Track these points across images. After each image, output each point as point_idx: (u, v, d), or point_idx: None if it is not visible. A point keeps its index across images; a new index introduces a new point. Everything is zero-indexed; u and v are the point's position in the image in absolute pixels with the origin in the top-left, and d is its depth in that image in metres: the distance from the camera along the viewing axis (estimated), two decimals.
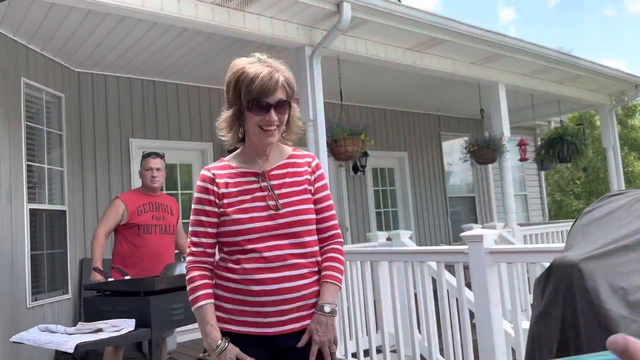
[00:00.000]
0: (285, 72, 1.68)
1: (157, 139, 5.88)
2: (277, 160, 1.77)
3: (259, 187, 1.71)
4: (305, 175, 1.77)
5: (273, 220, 1.67)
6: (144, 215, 3.68)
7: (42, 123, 4.85)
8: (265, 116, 1.63)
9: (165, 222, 3.75)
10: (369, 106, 8.05)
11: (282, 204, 1.69)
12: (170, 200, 3.94)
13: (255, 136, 1.68)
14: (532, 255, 2.98)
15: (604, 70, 7.26)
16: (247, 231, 1.65)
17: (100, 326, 2.65)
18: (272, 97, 1.63)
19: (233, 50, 5.16)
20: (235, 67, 1.68)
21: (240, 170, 1.74)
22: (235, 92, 1.65)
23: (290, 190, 1.72)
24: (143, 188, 3.82)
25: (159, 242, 3.69)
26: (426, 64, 5.63)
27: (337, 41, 4.71)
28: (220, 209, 1.70)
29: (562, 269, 1.23)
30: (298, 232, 1.68)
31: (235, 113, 1.68)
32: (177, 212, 3.92)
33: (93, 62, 5.27)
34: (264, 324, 1.66)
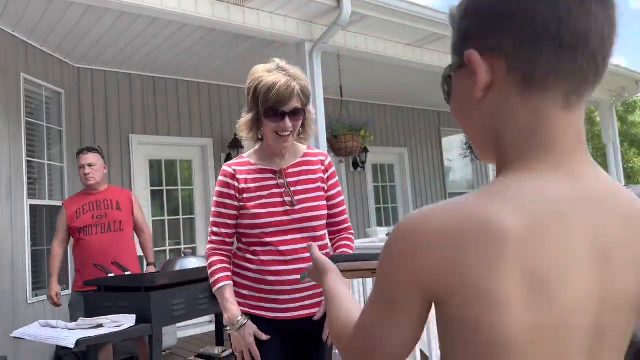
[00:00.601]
0: (302, 79, 1.80)
1: (157, 135, 5.87)
2: (292, 158, 1.90)
3: (276, 184, 1.84)
4: (319, 173, 1.90)
5: (288, 215, 1.80)
6: (82, 217, 3.54)
7: (42, 119, 4.85)
8: (280, 123, 1.76)
9: (109, 220, 3.56)
10: (369, 102, 8.04)
11: (297, 200, 1.82)
12: (120, 194, 3.74)
13: (272, 140, 1.82)
14: None
15: None
16: (264, 225, 1.78)
17: (101, 322, 2.65)
18: (288, 105, 1.75)
19: (233, 45, 5.15)
20: (254, 74, 1.81)
21: (259, 167, 1.86)
22: (254, 98, 1.78)
23: (305, 188, 1.85)
24: (84, 188, 3.69)
25: (101, 241, 3.51)
26: (426, 59, 5.62)
27: (337, 37, 4.70)
28: (240, 202, 1.82)
29: None
30: (312, 227, 1.82)
31: (254, 117, 1.81)
32: (130, 206, 3.70)
33: (93, 58, 5.26)
34: (277, 309, 1.79)
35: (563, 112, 0.66)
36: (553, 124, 0.65)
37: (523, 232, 0.60)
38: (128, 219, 3.65)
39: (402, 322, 0.68)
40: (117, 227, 3.57)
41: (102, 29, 4.57)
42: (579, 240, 0.62)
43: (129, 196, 3.74)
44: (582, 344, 0.62)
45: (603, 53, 0.65)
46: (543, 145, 0.65)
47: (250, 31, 4.40)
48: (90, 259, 3.46)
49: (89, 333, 2.53)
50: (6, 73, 4.32)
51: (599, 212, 0.65)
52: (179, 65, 5.66)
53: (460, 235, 0.60)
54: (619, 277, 0.64)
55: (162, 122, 5.94)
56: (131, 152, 5.68)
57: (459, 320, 0.62)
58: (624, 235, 0.65)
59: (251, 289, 1.82)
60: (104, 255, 3.45)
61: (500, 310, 0.58)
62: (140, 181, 5.75)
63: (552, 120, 0.65)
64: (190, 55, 5.36)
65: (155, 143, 5.90)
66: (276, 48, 5.22)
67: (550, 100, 0.65)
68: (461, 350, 0.63)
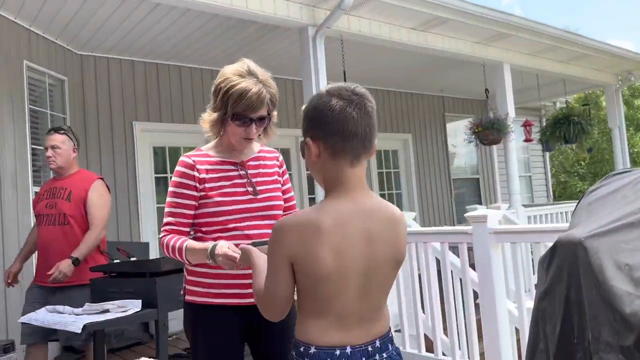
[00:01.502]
0: (271, 87, 1.88)
1: (161, 121, 5.87)
2: (249, 153, 2.00)
3: (238, 175, 1.92)
4: (275, 168, 2.03)
5: (252, 203, 1.89)
6: (38, 205, 3.29)
7: (45, 106, 4.85)
8: (246, 129, 1.86)
9: (57, 211, 3.20)
10: (373, 88, 8.00)
11: (259, 190, 1.93)
12: (81, 182, 3.28)
13: (235, 141, 1.91)
14: (535, 235, 2.99)
15: (610, 49, 7.18)
16: (230, 212, 1.86)
17: (107, 307, 2.67)
18: (256, 113, 1.85)
19: (236, 31, 5.12)
20: (225, 75, 1.87)
21: (218, 159, 1.94)
22: (223, 100, 1.85)
23: (264, 180, 1.97)
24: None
25: (47, 234, 3.21)
26: (430, 43, 5.57)
27: (341, 21, 4.67)
28: (201, 192, 1.87)
29: (567, 247, 1.23)
30: (272, 215, 1.93)
31: (220, 117, 1.88)
32: (83, 197, 3.24)
33: (95, 45, 5.25)
34: (241, 294, 1.85)
35: (350, 169, 1.30)
36: (345, 174, 1.30)
37: (331, 226, 1.25)
38: (78, 213, 3.22)
39: (281, 278, 1.29)
40: (62, 220, 3.19)
41: (104, 15, 4.55)
42: (356, 231, 1.28)
43: (87, 186, 3.27)
44: (358, 279, 1.28)
45: (367, 140, 1.29)
46: (340, 185, 1.30)
47: (253, 16, 4.37)
48: (39, 251, 3.25)
49: (96, 318, 2.55)
50: (9, 60, 4.32)
51: (367, 216, 1.31)
52: (182, 51, 5.63)
53: (302, 228, 1.26)
54: (378, 249, 1.30)
55: (166, 109, 5.93)
56: (135, 139, 5.68)
57: (301, 271, 1.27)
58: (380, 228, 1.32)
59: (213, 276, 1.86)
60: (46, 250, 3.19)
61: (320, 263, 1.24)
62: (144, 168, 5.76)
63: (345, 173, 1.30)
64: (193, 41, 5.33)
65: (158, 130, 5.90)
66: (279, 33, 5.19)
67: (343, 163, 1.29)
68: (303, 287, 1.29)
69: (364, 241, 1.28)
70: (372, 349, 1.33)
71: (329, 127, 1.27)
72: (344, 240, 1.25)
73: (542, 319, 1.30)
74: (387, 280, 1.36)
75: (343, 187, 1.30)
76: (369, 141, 1.29)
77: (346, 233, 1.26)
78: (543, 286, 1.31)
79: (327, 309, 1.29)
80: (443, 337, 3.59)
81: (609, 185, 1.42)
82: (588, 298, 1.15)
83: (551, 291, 1.28)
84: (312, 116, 1.31)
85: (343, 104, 1.28)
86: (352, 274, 1.27)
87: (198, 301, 1.89)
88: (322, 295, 1.27)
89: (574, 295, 1.19)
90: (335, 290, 1.27)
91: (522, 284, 3.10)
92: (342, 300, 1.28)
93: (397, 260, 1.35)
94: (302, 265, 1.25)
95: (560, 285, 1.24)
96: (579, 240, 1.19)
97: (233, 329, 1.88)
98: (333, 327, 1.29)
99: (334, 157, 1.28)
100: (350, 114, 1.27)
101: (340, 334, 1.30)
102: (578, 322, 1.18)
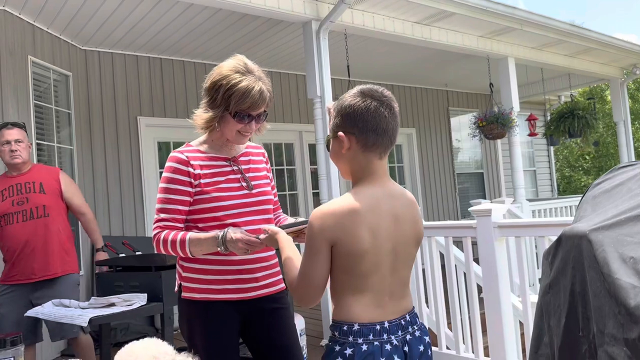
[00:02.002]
0: (267, 82, 1.90)
1: (165, 117, 5.88)
2: (238, 149, 2.02)
3: (231, 170, 1.94)
4: (262, 164, 2.07)
5: (247, 198, 1.92)
6: (2, 203, 3.14)
7: (50, 102, 4.87)
8: (246, 125, 1.88)
9: (30, 205, 3.15)
10: (376, 82, 7.96)
11: (253, 185, 1.96)
12: (46, 174, 3.29)
13: (232, 137, 1.91)
14: (540, 229, 2.99)
15: (616, 43, 7.14)
16: (228, 207, 1.87)
17: (113, 300, 2.69)
18: (257, 111, 1.87)
19: (239, 25, 5.11)
20: (224, 73, 1.85)
21: (210, 155, 1.94)
22: (224, 98, 1.84)
23: (255, 175, 2.00)
24: (6, 169, 3.26)
25: (24, 230, 3.12)
26: (434, 37, 5.55)
27: (345, 15, 4.65)
28: (196, 188, 1.87)
29: (572, 240, 1.23)
30: (266, 209, 1.97)
31: (218, 114, 1.87)
32: (57, 187, 3.27)
33: (99, 40, 5.25)
34: (242, 289, 1.88)
35: (378, 161, 1.47)
36: (374, 165, 1.47)
37: (366, 208, 1.41)
38: (55, 203, 3.23)
39: (321, 261, 1.40)
40: (41, 212, 3.16)
41: (108, 10, 4.55)
42: (386, 212, 1.44)
43: (55, 176, 3.29)
44: (389, 256, 1.44)
45: (393, 137, 1.47)
46: (370, 174, 1.47)
47: (256, 10, 4.36)
48: (15, 252, 3.14)
49: (102, 312, 2.57)
50: (14, 56, 4.33)
51: (393, 199, 1.48)
52: (185, 46, 5.63)
53: (341, 212, 1.40)
54: (404, 227, 1.48)
55: (170, 104, 5.94)
56: (139, 134, 5.69)
57: (341, 251, 1.40)
58: (404, 209, 1.50)
59: (214, 272, 1.87)
60: (29, 246, 3.12)
61: (360, 241, 1.39)
62: (149, 163, 5.77)
63: (374, 164, 1.47)
64: (196, 36, 5.33)
65: (163, 125, 5.91)
66: (283, 28, 5.18)
67: (373, 156, 1.46)
68: (341, 267, 1.41)
69: (392, 220, 1.45)
70: (404, 323, 1.48)
71: (365, 124, 1.43)
72: (378, 220, 1.42)
73: (547, 312, 1.30)
74: (411, 257, 1.52)
75: (372, 176, 1.46)
76: (395, 138, 1.48)
77: (378, 213, 1.42)
78: (547, 279, 1.31)
79: (365, 286, 1.42)
80: (447, 331, 3.59)
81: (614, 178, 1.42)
82: (593, 291, 1.15)
83: (556, 284, 1.28)
84: (348, 113, 1.45)
85: (377, 104, 1.44)
86: (385, 251, 1.43)
87: (197, 298, 1.87)
88: (361, 273, 1.41)
89: (579, 288, 1.20)
90: (373, 266, 1.41)
91: (526, 278, 3.10)
92: (378, 276, 1.43)
93: (418, 238, 1.53)
94: (342, 246, 1.39)
95: (564, 278, 1.25)
96: (584, 233, 1.19)
97: (232, 324, 1.89)
98: (372, 304, 1.44)
99: (365, 150, 1.45)
100: (383, 113, 1.44)
101: (378, 310, 1.44)
102: (583, 315, 1.18)
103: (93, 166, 5.38)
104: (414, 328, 1.50)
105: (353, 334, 1.41)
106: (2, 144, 3.16)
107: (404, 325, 1.47)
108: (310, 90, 4.66)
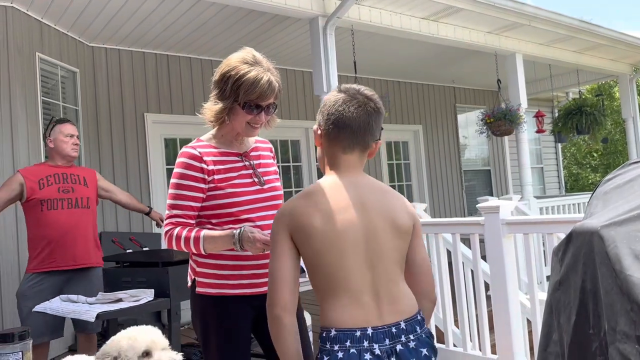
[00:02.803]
0: (276, 74, 1.89)
1: (172, 113, 5.89)
2: (248, 144, 2.01)
3: (243, 166, 1.93)
4: (271, 158, 2.07)
5: (260, 194, 1.91)
6: (47, 188, 3.20)
7: (57, 98, 4.88)
8: (256, 116, 1.87)
9: (76, 195, 3.28)
10: (383, 79, 7.96)
11: (264, 180, 1.95)
12: (86, 171, 3.51)
13: (242, 129, 1.90)
14: (549, 226, 2.96)
15: (625, 39, 7.08)
16: (241, 203, 1.86)
17: (120, 296, 2.70)
18: (266, 101, 1.86)
19: (246, 21, 5.11)
20: (232, 64, 1.85)
21: (222, 150, 1.93)
22: (233, 89, 1.83)
23: (266, 170, 1.99)
24: (52, 160, 3.34)
25: (70, 218, 3.22)
26: (442, 33, 5.53)
27: (351, 11, 4.64)
28: (210, 184, 1.86)
29: (583, 236, 1.21)
30: (278, 204, 1.94)
31: (227, 106, 1.86)
32: (95, 184, 3.49)
33: (106, 37, 5.26)
34: (256, 284, 1.86)
35: (342, 155, 1.46)
36: (338, 159, 1.47)
37: (320, 193, 1.41)
38: (94, 198, 3.43)
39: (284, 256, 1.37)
40: (85, 203, 3.31)
41: (115, 6, 4.56)
42: (346, 198, 1.40)
43: (93, 175, 3.51)
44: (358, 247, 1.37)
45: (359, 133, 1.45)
46: (334, 166, 1.48)
47: (263, 6, 4.35)
48: (55, 237, 3.16)
49: (109, 307, 2.58)
50: (22, 52, 4.34)
51: (359, 187, 1.44)
52: (192, 42, 5.63)
53: (296, 200, 1.42)
54: (372, 216, 1.40)
55: (177, 101, 5.95)
56: (146, 130, 5.70)
57: (300, 241, 1.38)
58: (373, 197, 1.44)
59: (230, 267, 1.86)
60: (71, 233, 3.20)
61: (309, 219, 1.37)
62: (156, 159, 5.79)
63: (338, 157, 1.47)
64: (203, 32, 5.33)
65: (170, 122, 5.92)
66: (290, 24, 5.17)
67: (337, 149, 1.47)
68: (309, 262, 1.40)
69: (357, 208, 1.39)
70: (396, 331, 1.34)
71: (329, 117, 1.45)
72: (334, 205, 1.38)
73: (557, 309, 1.29)
74: (392, 251, 1.41)
75: (336, 168, 1.46)
76: (362, 136, 1.44)
77: (336, 199, 1.39)
78: (557, 276, 1.29)
79: (337, 284, 1.35)
80: (454, 328, 3.58)
81: (625, 174, 1.40)
82: (604, 288, 1.13)
83: (566, 281, 1.27)
84: (321, 107, 1.51)
85: (347, 99, 1.44)
86: (350, 240, 1.36)
87: (212, 293, 1.86)
88: (326, 266, 1.35)
89: (590, 285, 1.18)
90: (336, 258, 1.34)
91: (534, 276, 3.08)
92: (348, 271, 1.35)
93: (395, 227, 1.42)
94: (299, 234, 1.36)
95: (575, 275, 1.23)
96: (595, 229, 1.17)
97: (246, 319, 1.89)
98: (350, 305, 1.33)
99: (329, 143, 1.46)
100: (349, 108, 1.43)
101: (358, 312, 1.33)
102: (594, 312, 1.17)
103: (100, 162, 5.39)
104: (409, 337, 1.35)
105: (330, 340, 1.32)
106: (66, 135, 3.32)
107: (395, 333, 1.34)
108: (316, 86, 4.65)
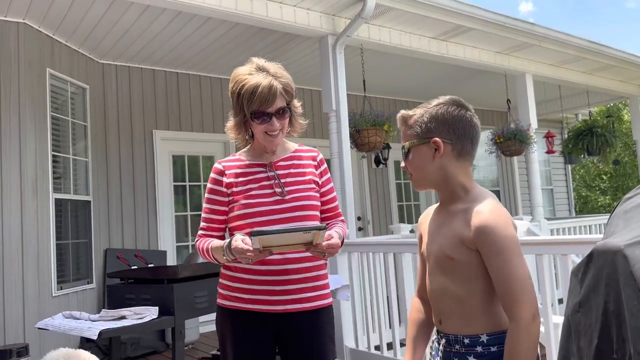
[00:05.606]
0: (283, 77, 1.85)
1: (180, 130, 5.89)
2: (283, 153, 1.96)
3: (266, 177, 1.88)
4: (310, 168, 1.95)
5: (279, 204, 1.84)
6: None
7: (67, 114, 4.90)
8: (267, 124, 1.82)
9: None
10: (392, 98, 7.95)
11: (287, 191, 1.86)
12: None
13: (262, 139, 1.88)
14: (563, 247, 2.89)
15: (635, 60, 7.04)
16: (255, 214, 1.82)
17: (124, 313, 2.65)
18: (272, 107, 1.81)
19: (256, 40, 5.13)
20: (235, 78, 1.86)
21: (248, 162, 1.93)
22: (238, 102, 1.84)
23: (295, 180, 1.90)
24: None
25: None
26: (451, 53, 5.52)
27: (361, 30, 4.64)
28: (230, 197, 1.88)
29: (605, 256, 1.16)
30: (302, 216, 1.85)
31: (240, 120, 1.87)
32: None
33: (117, 54, 5.30)
34: (271, 301, 1.81)
35: (469, 166, 1.49)
36: (468, 171, 1.49)
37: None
38: None
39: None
40: None
41: (126, 24, 4.59)
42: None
43: None
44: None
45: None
46: (469, 180, 1.49)
47: (273, 25, 4.37)
48: None
49: (112, 324, 2.53)
50: (32, 68, 4.37)
51: None
52: (202, 60, 5.66)
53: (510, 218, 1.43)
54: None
55: (185, 118, 5.95)
56: (155, 147, 5.70)
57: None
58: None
59: (243, 280, 1.84)
60: None
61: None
62: (163, 176, 5.77)
63: (468, 170, 1.49)
64: (213, 50, 5.36)
65: (178, 139, 5.92)
66: (299, 42, 5.19)
67: (467, 162, 1.48)
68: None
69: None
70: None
71: (464, 132, 1.45)
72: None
73: (576, 332, 1.23)
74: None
75: (471, 182, 1.49)
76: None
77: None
78: (577, 298, 1.24)
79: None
80: None
81: None
82: (629, 309, 1.08)
83: (586, 302, 1.21)
84: (446, 120, 1.45)
85: (471, 114, 1.49)
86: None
87: (227, 305, 1.87)
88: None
89: (613, 307, 1.13)
90: None
91: (548, 299, 3.00)
92: None
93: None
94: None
95: (596, 296, 1.18)
96: (619, 248, 1.12)
97: (263, 334, 1.83)
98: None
99: (459, 157, 1.45)
100: (477, 124, 1.49)
101: None
102: (617, 336, 1.11)
103: (108, 179, 5.38)
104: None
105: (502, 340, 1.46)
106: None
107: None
108: (325, 103, 4.64)
